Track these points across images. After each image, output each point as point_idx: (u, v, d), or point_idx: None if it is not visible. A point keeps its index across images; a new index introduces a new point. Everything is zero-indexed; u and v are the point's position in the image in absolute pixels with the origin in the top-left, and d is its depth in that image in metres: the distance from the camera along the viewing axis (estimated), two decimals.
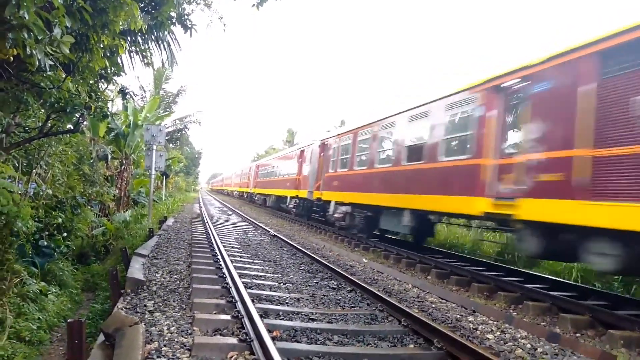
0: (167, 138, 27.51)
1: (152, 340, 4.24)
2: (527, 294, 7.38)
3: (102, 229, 14.66)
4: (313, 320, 5.36)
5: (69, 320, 4.20)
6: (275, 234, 14.36)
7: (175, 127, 32.97)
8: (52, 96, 5.94)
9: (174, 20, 8.93)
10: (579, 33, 6.73)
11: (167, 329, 4.57)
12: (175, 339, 4.29)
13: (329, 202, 17.01)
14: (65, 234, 9.62)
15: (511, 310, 6.86)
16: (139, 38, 9.82)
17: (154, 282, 6.78)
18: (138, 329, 4.29)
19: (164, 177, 30.97)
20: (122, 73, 9.03)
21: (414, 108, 11.22)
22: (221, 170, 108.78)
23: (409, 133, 11.44)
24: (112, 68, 8.37)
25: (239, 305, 5.27)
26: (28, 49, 4.64)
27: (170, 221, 16.30)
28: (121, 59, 9.06)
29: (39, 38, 4.44)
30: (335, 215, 16.07)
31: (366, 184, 13.49)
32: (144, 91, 29.68)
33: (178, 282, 6.89)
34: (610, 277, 8.48)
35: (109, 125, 18.56)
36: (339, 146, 16.52)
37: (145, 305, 5.52)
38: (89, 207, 13.18)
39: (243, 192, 45.97)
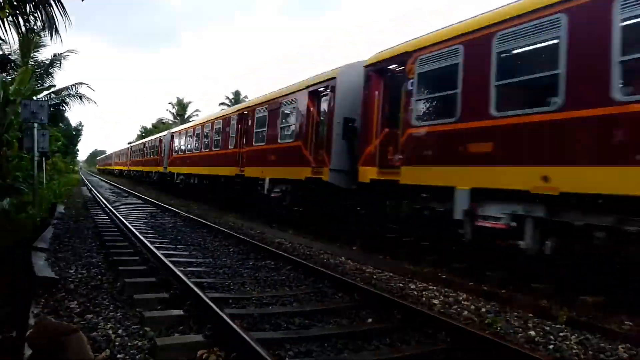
0: None
1: (101, 347, 3.73)
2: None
3: None
4: (266, 305, 5.16)
5: None
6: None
7: (51, 102, 29.23)
8: None
9: None
10: None
11: (113, 333, 4.04)
12: (128, 344, 3.81)
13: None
14: None
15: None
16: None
17: (69, 279, 5.99)
18: (81, 337, 3.73)
19: (44, 158, 27.49)
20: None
21: None
22: (104, 147, 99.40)
23: None
24: None
25: (189, 297, 4.86)
26: None
27: (61, 208, 14.59)
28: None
29: None
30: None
31: None
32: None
33: (99, 277, 6.16)
34: None
35: None
36: None
37: (68, 308, 4.83)
38: None
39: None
